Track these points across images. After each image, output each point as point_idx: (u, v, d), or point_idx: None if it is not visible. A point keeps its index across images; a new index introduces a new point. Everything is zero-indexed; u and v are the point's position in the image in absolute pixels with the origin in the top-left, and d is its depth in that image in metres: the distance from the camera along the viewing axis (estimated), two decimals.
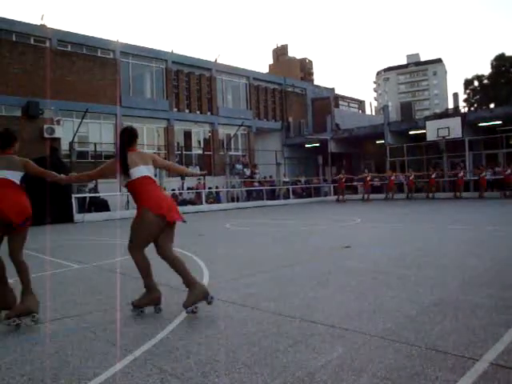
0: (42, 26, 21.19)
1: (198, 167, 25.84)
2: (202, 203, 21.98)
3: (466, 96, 49.27)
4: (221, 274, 5.60)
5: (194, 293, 3.78)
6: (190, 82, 26.42)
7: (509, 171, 20.81)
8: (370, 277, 4.96)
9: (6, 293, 3.88)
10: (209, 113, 27.21)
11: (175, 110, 25.53)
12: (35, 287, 5.32)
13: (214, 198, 23.60)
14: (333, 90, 38.51)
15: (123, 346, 3.10)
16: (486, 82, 47.88)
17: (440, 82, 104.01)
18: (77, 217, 16.66)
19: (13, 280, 5.73)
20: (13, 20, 20.10)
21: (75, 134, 19.70)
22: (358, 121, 34.35)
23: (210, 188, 23.76)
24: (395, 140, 26.07)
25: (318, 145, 29.87)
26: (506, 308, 3.54)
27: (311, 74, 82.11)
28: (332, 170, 28.76)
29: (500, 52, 56.65)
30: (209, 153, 26.48)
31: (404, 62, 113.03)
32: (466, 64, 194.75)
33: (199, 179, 23.17)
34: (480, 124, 23.72)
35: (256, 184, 25.79)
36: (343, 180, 24.60)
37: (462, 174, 22.10)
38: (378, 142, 28.20)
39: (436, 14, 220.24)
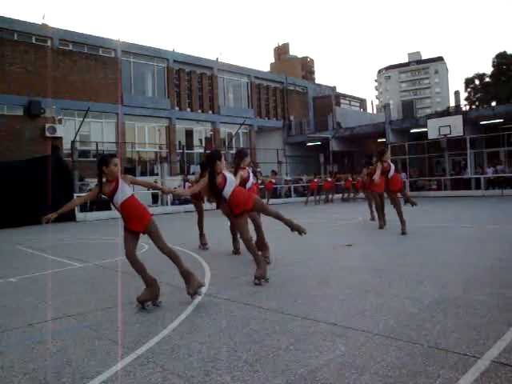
0: (44, 26, 21.22)
1: (199, 166, 25.85)
2: (204, 202, 21.94)
3: (467, 94, 49.18)
4: (223, 272, 5.61)
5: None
6: (191, 81, 26.43)
7: None
8: (371, 275, 4.96)
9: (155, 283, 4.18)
10: (210, 111, 27.21)
11: (177, 108, 25.55)
12: (36, 286, 5.34)
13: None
14: (334, 88, 38.47)
15: (125, 345, 3.11)
16: (487, 80, 47.76)
17: (441, 81, 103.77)
18: (79, 216, 16.69)
19: (15, 279, 5.75)
20: (14, 19, 20.12)
21: (77, 133, 19.73)
22: (360, 119, 34.34)
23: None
24: (397, 138, 26.04)
25: (319, 143, 29.85)
26: (508, 306, 3.54)
27: (312, 72, 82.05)
28: (334, 168, 28.74)
29: (501, 50, 56.61)
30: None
31: (405, 60, 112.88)
32: (467, 62, 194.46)
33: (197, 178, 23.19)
34: (481, 122, 23.67)
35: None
36: (315, 181, 23.22)
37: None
38: (379, 140, 28.16)
39: (437, 12, 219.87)
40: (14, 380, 2.63)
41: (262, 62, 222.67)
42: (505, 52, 46.57)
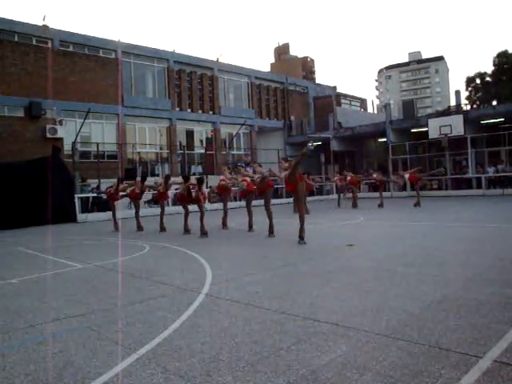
0: (44, 27, 21.23)
1: (200, 167, 25.91)
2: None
3: (468, 94, 49.14)
4: (224, 272, 5.61)
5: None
6: (191, 82, 26.44)
7: None
8: (373, 275, 4.96)
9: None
10: (211, 112, 27.22)
11: (177, 109, 25.56)
12: (37, 287, 5.35)
13: (217, 197, 23.62)
14: (335, 88, 38.46)
15: (127, 345, 3.11)
16: (488, 79, 47.72)
17: (442, 80, 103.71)
18: (80, 216, 16.71)
19: (16, 280, 5.76)
20: (14, 21, 20.14)
21: (77, 134, 19.74)
22: (360, 119, 34.32)
23: (210, 187, 23.75)
24: (397, 138, 26.03)
25: (320, 143, 29.84)
26: (510, 305, 3.54)
27: (313, 72, 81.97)
28: (334, 168, 28.73)
29: (502, 49, 56.54)
30: (211, 152, 26.48)
31: (406, 59, 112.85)
32: (468, 62, 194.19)
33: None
34: (482, 121, 23.65)
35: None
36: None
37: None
38: (380, 140, 28.13)
39: (438, 11, 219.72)
40: (15, 381, 2.63)
41: (262, 62, 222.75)
42: (506, 51, 46.47)
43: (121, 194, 12.52)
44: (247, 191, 10.43)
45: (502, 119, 22.87)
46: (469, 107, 35.62)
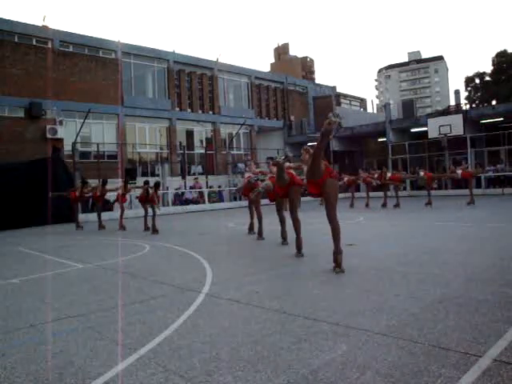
0: (44, 27, 21.24)
1: (200, 167, 25.92)
2: (204, 202, 22.04)
3: (467, 93, 49.18)
4: (224, 272, 5.62)
5: None
6: (191, 82, 26.44)
7: None
8: (373, 274, 4.96)
9: None
10: (211, 112, 27.21)
11: (177, 109, 25.55)
12: (37, 287, 5.35)
13: (217, 196, 23.66)
14: (334, 88, 38.46)
15: (127, 345, 3.12)
16: (487, 79, 47.75)
17: (441, 80, 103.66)
18: (80, 217, 16.65)
19: (17, 280, 5.76)
20: (15, 21, 20.14)
21: (78, 135, 19.74)
22: (360, 119, 34.31)
23: (211, 187, 23.80)
24: (397, 138, 26.04)
25: None
26: (509, 305, 3.54)
27: (313, 72, 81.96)
28: (334, 168, 28.74)
29: (502, 49, 56.52)
30: (211, 152, 26.49)
31: (405, 59, 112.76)
32: (467, 61, 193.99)
33: (196, 178, 23.50)
34: (482, 121, 23.67)
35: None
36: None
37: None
38: (379, 139, 28.13)
39: (437, 11, 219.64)
40: (16, 381, 2.64)
41: (262, 62, 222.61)
42: (505, 51, 46.54)
43: (86, 195, 14.23)
44: (275, 192, 7.60)
45: (502, 119, 22.89)
46: (468, 107, 35.61)
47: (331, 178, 5.31)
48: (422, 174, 16.53)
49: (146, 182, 12.46)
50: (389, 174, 16.75)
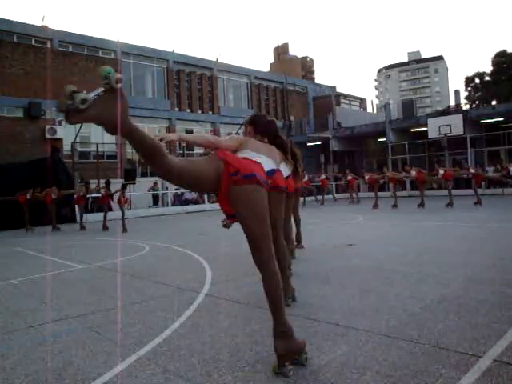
0: (43, 27, 21.23)
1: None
2: (204, 202, 22.03)
3: (467, 93, 49.19)
4: (223, 272, 5.61)
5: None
6: (191, 82, 26.45)
7: None
8: (372, 274, 4.96)
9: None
10: (210, 112, 27.23)
11: (177, 109, 25.57)
12: (37, 288, 5.35)
13: (216, 197, 23.66)
14: (334, 88, 38.47)
15: (127, 346, 3.11)
16: (487, 78, 47.75)
17: (441, 80, 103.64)
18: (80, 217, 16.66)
19: (16, 281, 5.75)
20: (14, 21, 20.13)
21: (77, 135, 19.73)
22: (360, 119, 34.33)
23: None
24: (397, 138, 26.03)
25: (319, 143, 29.84)
26: (510, 305, 3.53)
27: (312, 72, 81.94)
28: (334, 168, 28.73)
29: (501, 49, 56.55)
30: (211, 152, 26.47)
31: (405, 59, 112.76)
32: (467, 61, 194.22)
33: None
34: (482, 121, 23.67)
35: None
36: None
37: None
38: (379, 139, 28.13)
39: (437, 11, 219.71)
40: (15, 381, 2.63)
41: (261, 62, 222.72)
42: (505, 51, 46.53)
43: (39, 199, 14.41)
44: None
45: (502, 119, 22.89)
46: (468, 107, 35.63)
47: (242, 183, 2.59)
48: (413, 173, 15.70)
49: (108, 183, 13.71)
50: (441, 172, 15.45)
